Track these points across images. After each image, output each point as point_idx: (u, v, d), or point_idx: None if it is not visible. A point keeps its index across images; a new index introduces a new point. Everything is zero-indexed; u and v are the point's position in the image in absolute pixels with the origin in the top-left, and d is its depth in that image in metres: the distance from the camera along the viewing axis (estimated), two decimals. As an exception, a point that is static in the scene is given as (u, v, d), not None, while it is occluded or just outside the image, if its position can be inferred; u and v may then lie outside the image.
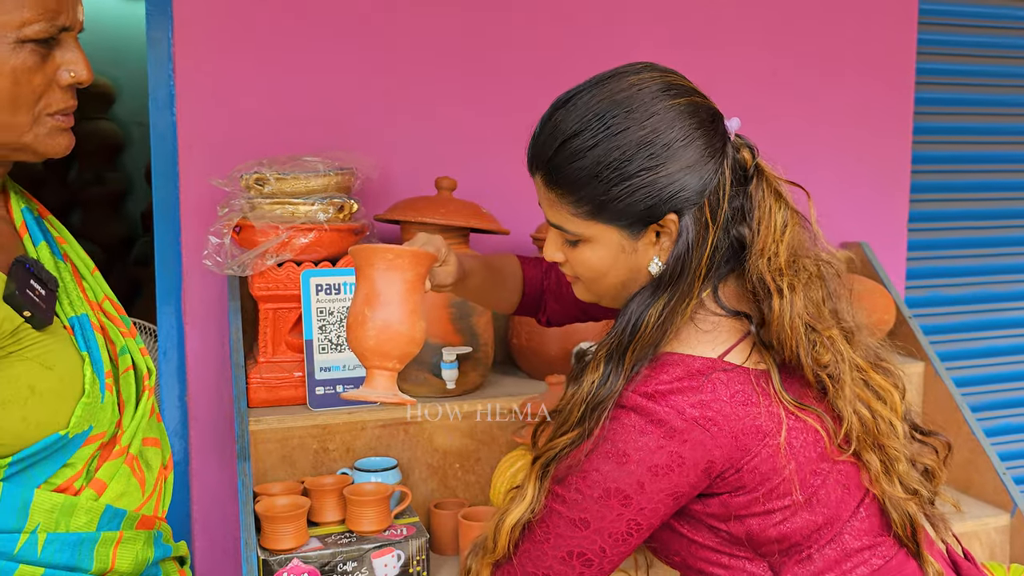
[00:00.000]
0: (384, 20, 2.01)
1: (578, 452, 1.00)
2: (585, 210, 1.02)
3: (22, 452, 0.90)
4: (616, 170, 0.99)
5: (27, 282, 0.93)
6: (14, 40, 0.90)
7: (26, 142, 0.94)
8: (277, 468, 1.71)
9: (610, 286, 1.08)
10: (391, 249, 1.07)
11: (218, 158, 1.90)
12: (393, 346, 1.05)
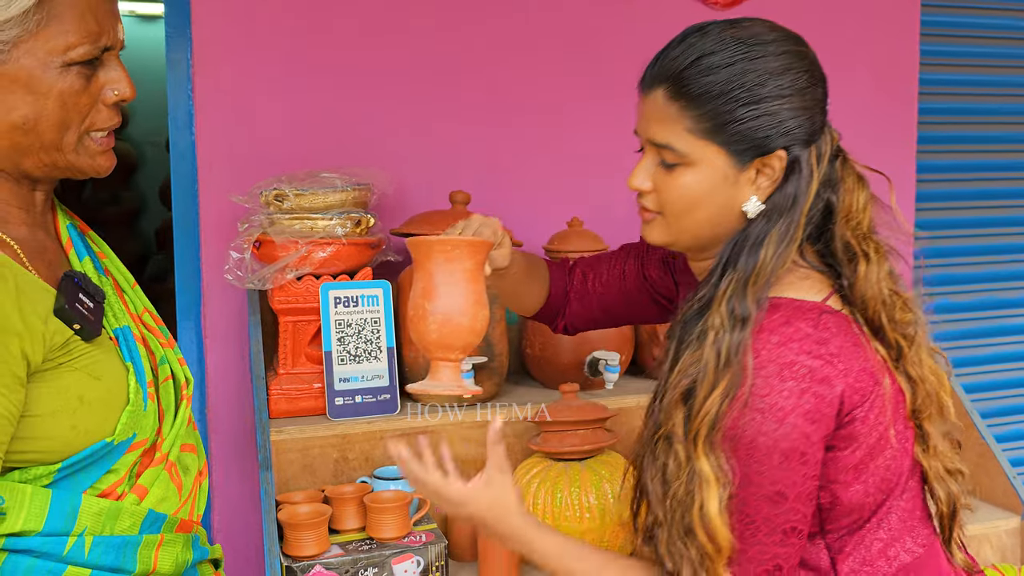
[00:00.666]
0: (399, 40, 2.06)
1: (733, 423, 0.95)
2: (704, 127, 1.00)
3: (71, 458, 0.93)
4: (748, 91, 0.99)
5: (76, 296, 0.96)
6: (60, 64, 0.93)
7: (71, 161, 0.98)
8: (298, 477, 1.75)
9: (696, 223, 1.04)
10: (449, 241, 1.06)
11: (237, 176, 1.95)
12: (456, 338, 1.05)
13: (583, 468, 1.67)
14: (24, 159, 0.96)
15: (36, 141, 0.95)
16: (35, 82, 0.93)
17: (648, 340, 2.01)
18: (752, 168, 1.02)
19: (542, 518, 1.63)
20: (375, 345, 1.81)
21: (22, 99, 0.93)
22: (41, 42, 0.92)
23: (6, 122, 0.93)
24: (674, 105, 1.01)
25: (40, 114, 0.94)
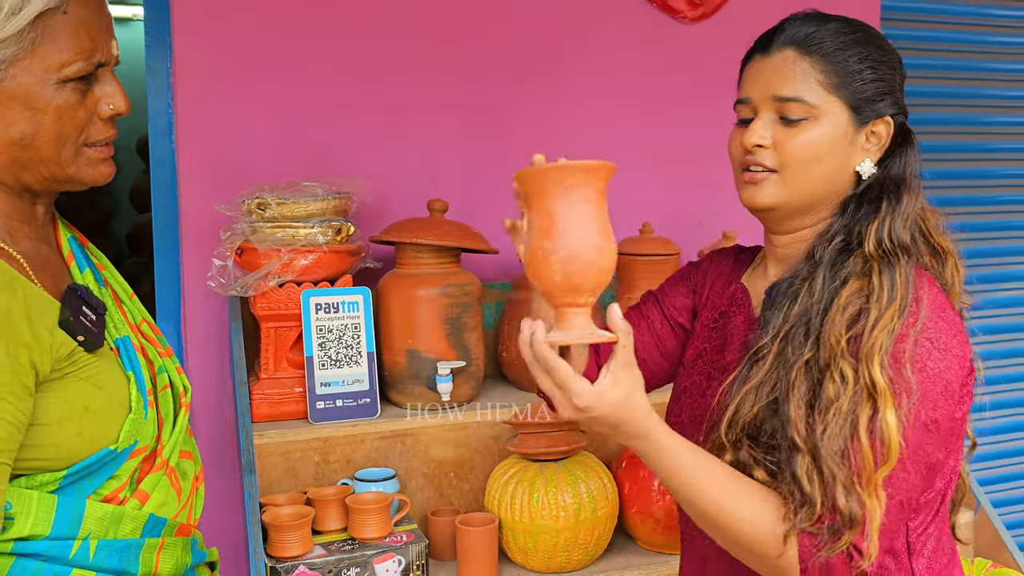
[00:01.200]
0: (378, 52, 2.10)
1: (903, 350, 0.98)
2: (833, 81, 1.07)
3: (76, 465, 0.96)
4: (869, 55, 1.08)
5: (79, 308, 0.99)
6: (56, 81, 0.96)
7: (71, 173, 1.01)
8: (281, 480, 1.79)
9: (815, 178, 1.08)
10: (565, 167, 0.93)
11: (217, 184, 1.98)
12: (584, 278, 0.93)
13: (558, 468, 1.73)
14: (24, 173, 0.99)
15: (35, 155, 0.98)
16: (32, 98, 0.96)
17: (620, 344, 2.07)
18: (865, 131, 1.09)
19: (519, 517, 1.69)
20: (355, 350, 1.85)
21: (20, 115, 0.96)
22: (37, 60, 0.95)
23: (5, 138, 0.96)
24: (804, 61, 1.08)
25: (38, 129, 0.97)
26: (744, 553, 1.00)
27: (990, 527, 2.01)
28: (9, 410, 0.89)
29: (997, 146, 3.08)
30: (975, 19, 2.90)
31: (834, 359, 1.01)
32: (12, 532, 0.92)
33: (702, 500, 0.97)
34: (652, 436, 0.96)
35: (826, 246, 1.09)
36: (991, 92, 3.01)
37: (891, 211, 1.08)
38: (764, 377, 1.06)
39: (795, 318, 1.06)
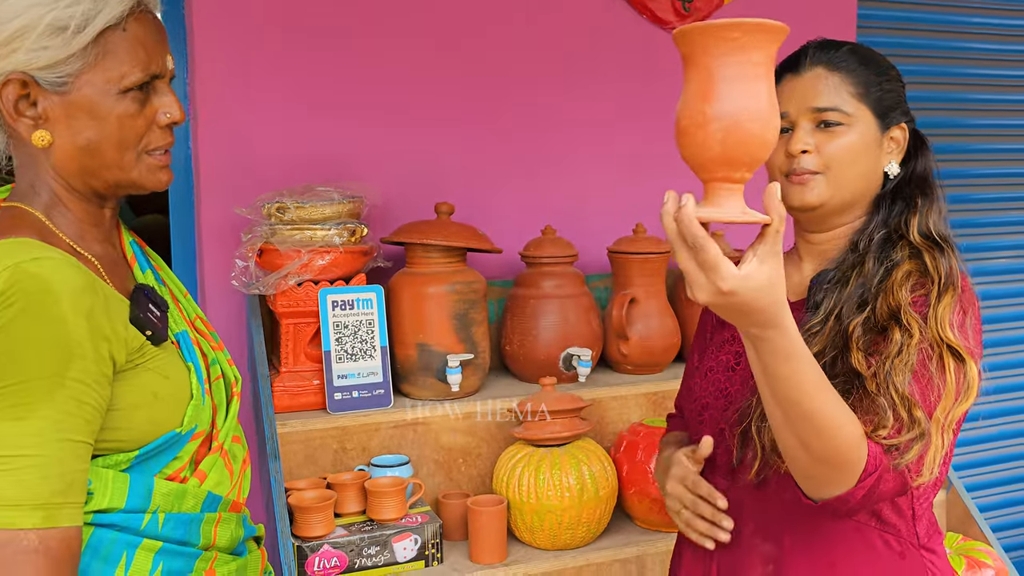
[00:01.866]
0: (389, 64, 2.21)
1: (957, 322, 1.14)
2: (860, 91, 1.23)
3: (146, 447, 1.07)
4: (883, 69, 1.26)
5: (146, 306, 1.10)
6: (116, 91, 1.06)
7: (134, 178, 1.10)
8: (302, 466, 1.90)
9: (854, 177, 1.22)
10: (735, 24, 0.86)
11: (234, 188, 2.09)
12: (744, 151, 0.87)
13: (562, 453, 1.86)
14: (92, 178, 1.09)
15: (101, 161, 1.07)
16: (96, 108, 1.05)
17: (615, 338, 2.20)
18: (887, 136, 1.25)
19: (526, 498, 1.81)
20: (370, 344, 1.97)
21: (86, 124, 1.06)
22: (99, 73, 1.05)
23: (73, 145, 1.06)
24: (835, 76, 1.23)
25: (102, 136, 1.06)
26: (829, 453, 1.03)
27: (961, 504, 2.16)
28: (93, 396, 1.00)
29: (977, 147, 3.25)
30: (950, 27, 3.06)
31: (900, 314, 1.14)
32: (91, 505, 1.02)
33: (808, 399, 0.99)
34: (785, 327, 0.95)
35: (870, 238, 1.23)
36: (968, 96, 3.18)
37: (927, 206, 1.24)
38: (826, 339, 1.18)
39: (848, 296, 1.19)
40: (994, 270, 3.33)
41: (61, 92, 1.04)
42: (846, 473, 1.05)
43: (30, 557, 0.93)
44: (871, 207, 1.27)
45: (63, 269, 1.00)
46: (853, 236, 1.26)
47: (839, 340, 1.17)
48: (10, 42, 1.02)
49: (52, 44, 1.02)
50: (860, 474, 1.05)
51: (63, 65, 1.03)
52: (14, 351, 0.95)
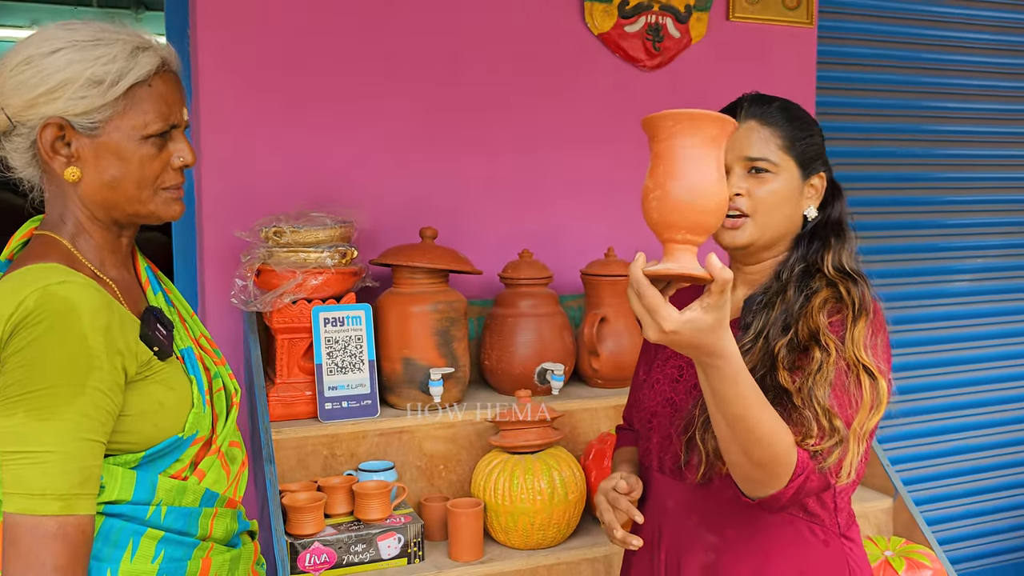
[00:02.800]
0: (375, 99, 2.39)
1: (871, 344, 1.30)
2: (786, 144, 1.39)
3: (152, 448, 1.21)
4: (806, 124, 1.43)
5: (155, 325, 1.25)
6: (139, 137, 1.22)
7: (151, 210, 1.26)
8: (294, 471, 2.05)
9: (777, 220, 1.40)
10: (662, 116, 1.02)
11: (234, 213, 2.25)
12: (678, 217, 1.02)
13: (535, 460, 2.01)
14: (114, 210, 1.24)
15: (122, 195, 1.23)
16: (121, 150, 1.21)
17: (587, 354, 2.37)
18: (808, 183, 1.42)
19: (501, 500, 1.97)
20: (358, 358, 2.13)
21: (112, 163, 1.21)
22: (126, 120, 1.21)
23: (99, 181, 1.22)
24: (765, 129, 1.41)
25: (125, 174, 1.22)
26: (767, 459, 1.18)
27: (906, 512, 2.32)
28: (108, 402, 1.14)
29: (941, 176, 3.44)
30: (903, 63, 3.26)
31: (819, 336, 1.30)
32: (103, 497, 1.16)
33: (751, 414, 1.14)
34: (729, 355, 1.09)
35: (791, 270, 1.41)
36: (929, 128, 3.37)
37: (840, 244, 1.41)
38: (755, 359, 1.34)
39: (774, 320, 1.37)
40: (947, 292, 3.51)
41: (92, 135, 1.20)
42: (779, 475, 1.22)
43: (49, 541, 1.08)
44: (793, 244, 1.45)
45: (85, 291, 1.15)
46: (777, 267, 1.43)
47: (768, 360, 1.34)
48: (54, 91, 1.18)
49: (89, 95, 1.18)
50: (791, 476, 1.22)
51: (96, 113, 1.19)
52: (42, 361, 1.10)
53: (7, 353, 1.10)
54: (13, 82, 1.19)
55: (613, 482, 1.48)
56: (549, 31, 2.56)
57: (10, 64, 1.20)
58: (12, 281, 1.15)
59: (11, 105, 1.20)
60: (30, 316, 1.10)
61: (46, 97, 1.18)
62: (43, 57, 1.18)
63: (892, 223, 3.32)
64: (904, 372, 3.31)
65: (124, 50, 1.20)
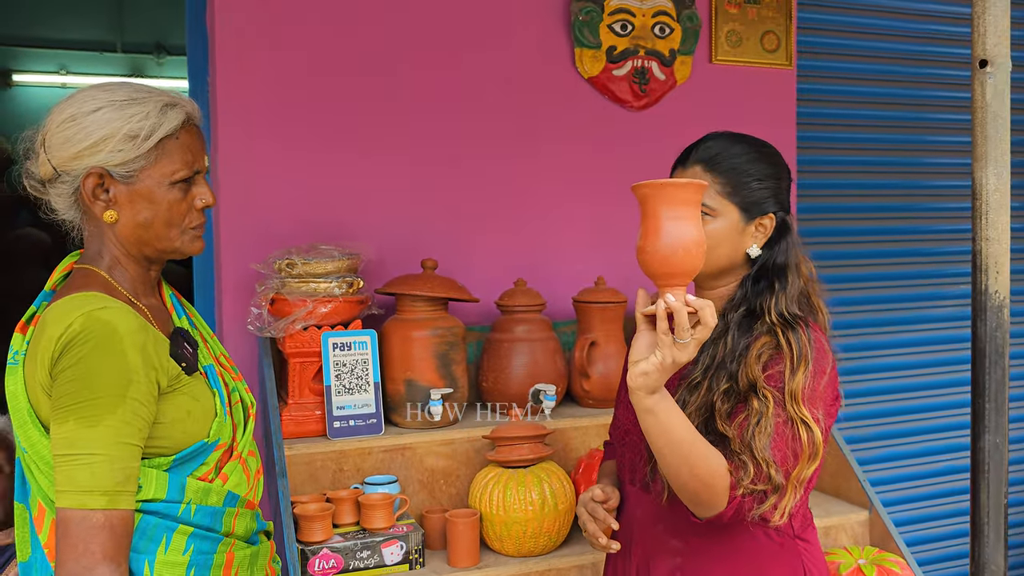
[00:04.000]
0: (379, 141, 2.58)
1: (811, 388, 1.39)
2: (728, 191, 1.48)
3: (181, 453, 1.37)
4: (762, 169, 1.51)
5: (181, 344, 1.43)
6: (168, 183, 1.39)
7: (177, 247, 1.43)
8: (305, 484, 2.22)
9: (719, 257, 1.49)
10: (639, 186, 1.25)
11: (250, 247, 2.43)
12: (650, 270, 1.26)
13: (527, 473, 2.17)
14: (145, 247, 1.41)
15: (153, 235, 1.40)
16: (153, 195, 1.38)
17: (579, 376, 2.53)
18: (753, 224, 1.51)
19: (496, 511, 2.12)
20: (364, 380, 2.30)
21: (144, 206, 1.38)
22: (157, 169, 1.38)
23: (135, 222, 1.39)
24: (708, 175, 1.50)
25: (155, 216, 1.39)
26: (700, 483, 1.34)
27: (880, 524, 2.46)
28: (144, 411, 1.31)
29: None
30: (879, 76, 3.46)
31: (756, 386, 1.40)
32: (140, 496, 1.31)
33: (686, 453, 1.32)
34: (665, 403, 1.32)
35: (734, 312, 1.50)
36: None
37: (782, 290, 1.48)
38: (698, 401, 1.48)
39: (717, 361, 1.49)
40: (929, 318, 3.65)
41: (128, 183, 1.37)
42: (716, 497, 1.35)
43: (97, 531, 1.24)
44: (741, 280, 1.53)
45: (123, 315, 1.32)
46: (724, 306, 1.52)
47: (708, 407, 1.46)
48: (96, 146, 1.35)
49: (126, 148, 1.36)
50: (727, 500, 1.36)
51: (132, 163, 1.36)
52: (88, 376, 1.27)
53: (57, 370, 1.27)
54: (60, 138, 1.36)
55: (591, 493, 1.62)
56: (542, 75, 2.76)
57: (56, 121, 1.37)
58: (59, 308, 1.32)
59: (57, 157, 1.37)
60: (77, 337, 1.27)
61: (89, 151, 1.35)
62: (85, 116, 1.35)
63: (870, 252, 3.49)
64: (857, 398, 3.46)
65: (155, 107, 1.37)
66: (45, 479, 1.31)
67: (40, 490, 1.32)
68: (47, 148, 1.37)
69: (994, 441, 1.44)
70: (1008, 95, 1.40)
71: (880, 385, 3.49)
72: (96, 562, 1.23)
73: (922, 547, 3.56)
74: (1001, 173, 1.40)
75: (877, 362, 3.46)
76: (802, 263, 1.54)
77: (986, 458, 1.44)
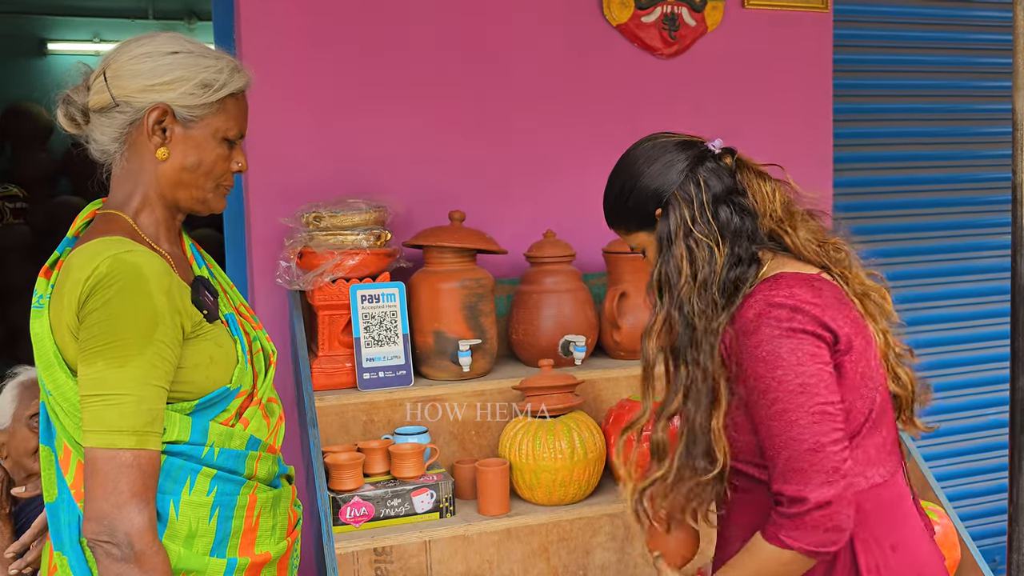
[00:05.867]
0: (408, 92, 2.57)
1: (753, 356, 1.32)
2: (623, 228, 1.54)
3: (204, 398, 1.39)
4: (625, 200, 1.51)
5: (203, 292, 1.44)
6: (220, 138, 1.43)
7: (207, 199, 1.46)
8: (336, 436, 2.24)
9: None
10: None
11: (278, 201, 2.44)
12: None
13: (557, 423, 2.17)
14: (180, 191, 1.43)
15: (193, 181, 1.43)
16: (204, 145, 1.42)
17: (609, 327, 2.51)
18: (658, 223, 1.49)
19: (526, 460, 2.13)
20: (393, 332, 2.31)
21: (194, 153, 1.42)
22: (215, 121, 1.42)
23: (182, 164, 1.41)
24: (613, 228, 1.58)
25: (200, 164, 1.42)
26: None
27: (918, 471, 2.43)
28: (170, 354, 1.32)
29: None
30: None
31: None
32: (165, 437, 1.33)
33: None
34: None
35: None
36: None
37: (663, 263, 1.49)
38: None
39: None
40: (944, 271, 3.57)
41: (187, 126, 1.41)
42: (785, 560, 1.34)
43: (126, 469, 1.26)
44: None
45: (150, 258, 1.34)
46: None
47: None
48: (171, 84, 1.39)
49: (196, 93, 1.39)
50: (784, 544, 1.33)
51: (197, 109, 1.40)
52: (117, 318, 1.28)
53: (85, 311, 1.29)
54: (131, 70, 1.39)
55: None
56: (569, 23, 2.71)
57: (129, 55, 1.41)
58: (85, 251, 1.33)
59: (123, 87, 1.39)
60: (104, 279, 1.28)
61: (163, 87, 1.39)
62: (163, 55, 1.40)
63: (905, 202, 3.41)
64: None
65: (227, 65, 1.43)
66: (70, 421, 1.33)
67: (65, 432, 1.34)
68: (110, 78, 1.40)
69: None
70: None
71: (920, 338, 3.42)
72: (125, 500, 1.25)
73: (962, 502, 3.50)
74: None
75: (917, 315, 3.39)
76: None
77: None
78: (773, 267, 1.43)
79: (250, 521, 1.42)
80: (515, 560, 2.16)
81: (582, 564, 2.20)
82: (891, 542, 1.39)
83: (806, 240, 1.46)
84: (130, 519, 1.25)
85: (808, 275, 1.40)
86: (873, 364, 1.40)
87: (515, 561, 2.16)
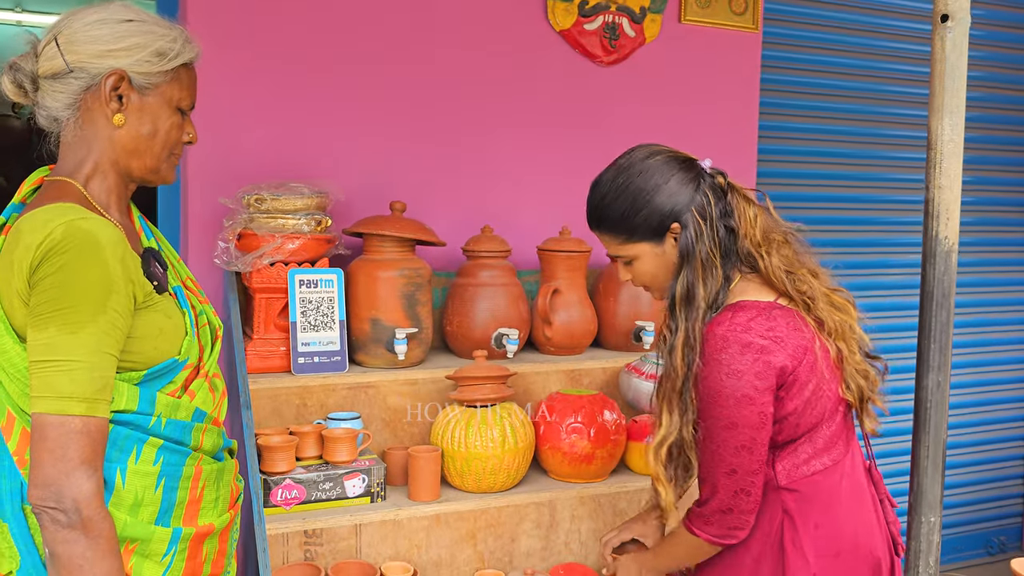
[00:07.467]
0: (352, 82, 2.59)
1: (703, 383, 1.47)
2: (625, 237, 1.57)
3: (152, 368, 1.39)
4: (634, 207, 1.55)
5: (152, 263, 1.44)
6: (173, 107, 1.44)
7: (160, 168, 1.46)
8: (269, 419, 2.24)
9: (664, 276, 1.58)
10: None
11: (215, 182, 2.43)
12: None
13: (489, 412, 2.22)
14: (134, 160, 1.43)
15: (148, 149, 1.43)
16: (159, 113, 1.43)
17: (541, 323, 2.58)
18: (668, 236, 1.56)
19: (457, 448, 2.18)
20: (330, 318, 2.33)
21: (151, 121, 1.43)
22: (169, 90, 1.43)
23: (138, 132, 1.42)
24: (605, 236, 1.61)
25: (155, 132, 1.43)
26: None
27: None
28: (122, 322, 1.32)
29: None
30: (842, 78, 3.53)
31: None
32: (113, 405, 1.33)
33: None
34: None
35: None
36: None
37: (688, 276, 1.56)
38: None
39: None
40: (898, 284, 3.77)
41: (142, 93, 1.41)
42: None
43: (76, 436, 1.26)
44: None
45: (104, 226, 1.34)
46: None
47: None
48: (128, 50, 1.39)
49: (152, 60, 1.40)
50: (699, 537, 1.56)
51: (153, 77, 1.41)
52: (70, 283, 1.28)
53: (37, 277, 1.28)
54: (86, 36, 1.39)
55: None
56: (514, 26, 2.78)
57: (83, 21, 1.40)
58: (37, 217, 1.32)
59: (78, 52, 1.38)
60: (58, 245, 1.28)
61: (120, 53, 1.39)
62: (117, 22, 1.40)
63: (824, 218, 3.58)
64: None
65: (180, 35, 1.45)
66: (16, 387, 1.32)
67: (9, 398, 1.33)
68: (63, 43, 1.39)
69: (936, 380, 1.52)
70: (966, 50, 1.47)
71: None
72: (74, 467, 1.25)
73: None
74: (956, 124, 1.47)
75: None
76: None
77: (928, 396, 1.52)
78: (737, 291, 1.55)
79: (195, 492, 1.43)
80: (443, 545, 2.20)
81: (508, 550, 2.26)
82: (815, 521, 1.53)
83: (776, 267, 1.56)
84: (78, 485, 1.25)
85: (766, 304, 1.51)
86: (827, 375, 1.52)
87: (443, 546, 2.21)
